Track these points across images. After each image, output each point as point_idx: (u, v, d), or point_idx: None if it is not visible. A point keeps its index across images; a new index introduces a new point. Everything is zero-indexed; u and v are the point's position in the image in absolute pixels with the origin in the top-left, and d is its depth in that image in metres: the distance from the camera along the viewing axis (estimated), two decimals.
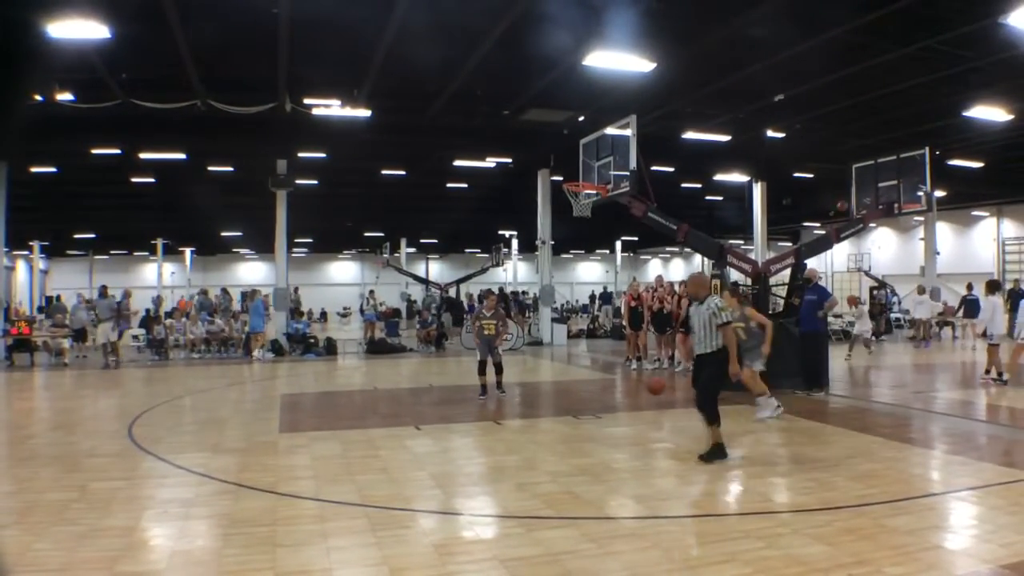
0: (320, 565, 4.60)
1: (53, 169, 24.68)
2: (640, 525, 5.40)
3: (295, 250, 30.11)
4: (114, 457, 7.88)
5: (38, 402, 13.42)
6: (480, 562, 4.66)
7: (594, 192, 13.08)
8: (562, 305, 38.17)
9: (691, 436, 8.81)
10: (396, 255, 38.22)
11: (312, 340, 21.17)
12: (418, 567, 4.56)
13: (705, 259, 16.98)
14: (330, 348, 21.08)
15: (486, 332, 11.88)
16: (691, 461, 7.46)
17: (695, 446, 8.25)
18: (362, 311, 28.26)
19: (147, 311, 25.87)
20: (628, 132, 12.12)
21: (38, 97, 15.70)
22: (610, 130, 12.83)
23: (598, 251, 55.14)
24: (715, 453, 7.15)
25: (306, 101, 17.21)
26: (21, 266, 42.55)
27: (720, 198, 32.26)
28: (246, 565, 4.61)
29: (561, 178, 17.43)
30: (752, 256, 18.80)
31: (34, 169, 23.81)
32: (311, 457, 7.71)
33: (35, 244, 37.45)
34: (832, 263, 39.35)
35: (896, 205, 13.77)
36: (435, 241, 45.48)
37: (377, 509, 5.76)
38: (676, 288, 16.23)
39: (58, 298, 26.19)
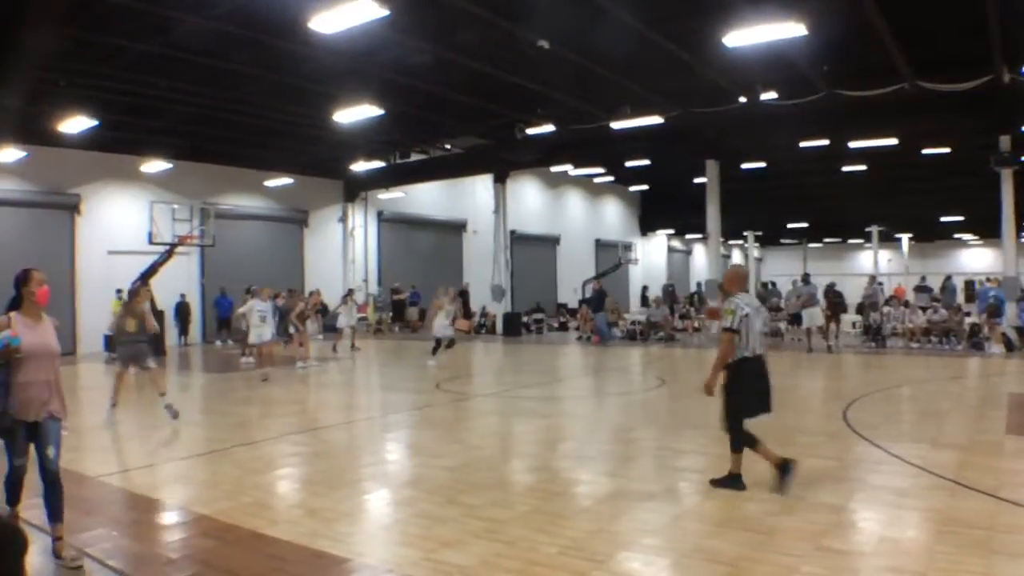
0: None
1: (762, 164, 27.38)
2: None
3: None
4: (827, 436, 8.25)
5: None
6: None
7: None
8: None
9: None
10: None
11: None
12: None
13: None
14: None
15: None
16: None
17: None
18: None
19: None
20: None
21: (742, 99, 17.53)
22: None
23: None
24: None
25: None
26: (736, 254, 48.53)
27: None
28: (958, 565, 4.38)
29: None
30: None
31: (745, 166, 26.78)
32: None
33: (749, 234, 41.69)
34: None
35: None
36: None
37: None
38: None
39: (773, 284, 28.35)
